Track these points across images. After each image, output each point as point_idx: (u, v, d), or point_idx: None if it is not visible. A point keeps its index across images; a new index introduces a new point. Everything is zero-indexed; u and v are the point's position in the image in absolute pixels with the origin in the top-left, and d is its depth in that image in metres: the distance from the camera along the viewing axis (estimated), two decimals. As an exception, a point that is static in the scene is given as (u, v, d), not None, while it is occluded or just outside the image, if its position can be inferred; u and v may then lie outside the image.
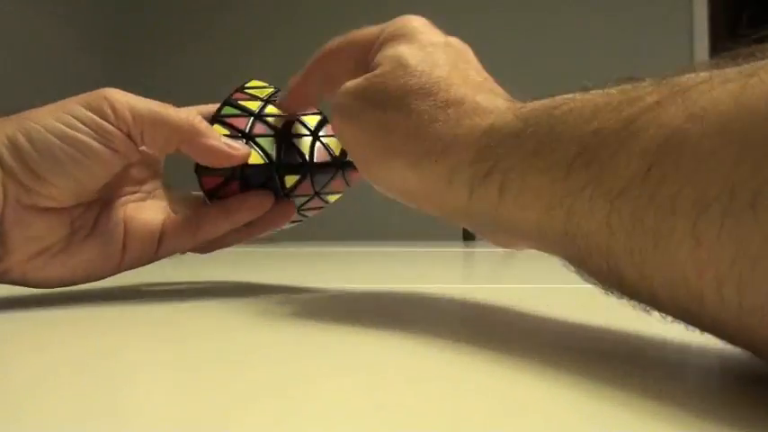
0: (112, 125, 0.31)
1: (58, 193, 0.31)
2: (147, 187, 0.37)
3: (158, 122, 0.32)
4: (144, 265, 0.35)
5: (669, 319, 0.18)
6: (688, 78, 0.17)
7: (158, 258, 0.36)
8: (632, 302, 0.19)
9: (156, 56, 2.73)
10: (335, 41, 0.33)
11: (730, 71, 0.16)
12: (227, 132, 0.35)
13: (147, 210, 0.36)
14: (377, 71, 0.28)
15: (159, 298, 0.36)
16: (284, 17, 2.59)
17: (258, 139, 0.36)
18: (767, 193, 0.13)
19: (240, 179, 0.35)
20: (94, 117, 0.30)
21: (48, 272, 0.32)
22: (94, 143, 0.30)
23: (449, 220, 0.27)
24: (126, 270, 0.35)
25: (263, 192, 0.36)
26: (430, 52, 0.28)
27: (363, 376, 0.19)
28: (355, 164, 0.30)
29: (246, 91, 0.39)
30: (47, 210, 0.31)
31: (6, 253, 0.30)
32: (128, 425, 0.14)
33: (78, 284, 0.34)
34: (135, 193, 0.36)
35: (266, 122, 0.37)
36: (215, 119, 0.36)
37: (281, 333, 0.26)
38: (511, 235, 0.24)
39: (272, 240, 1.38)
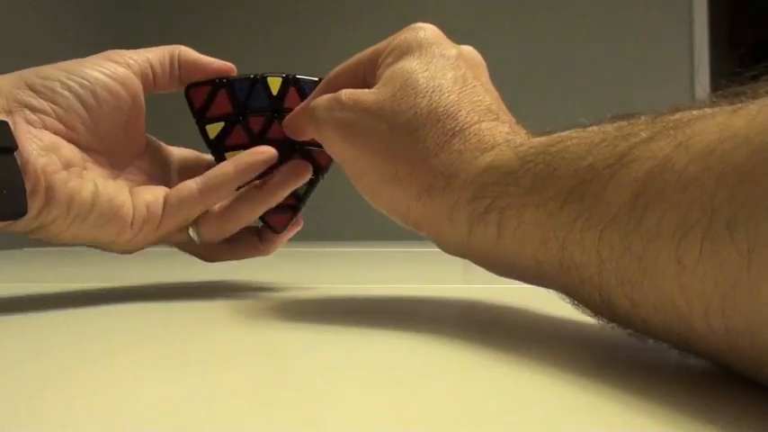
0: (121, 66, 0.33)
1: (66, 115, 0.31)
2: (156, 179, 0.36)
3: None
4: (155, 240, 0.34)
5: (665, 345, 0.18)
6: (682, 115, 0.18)
7: (166, 228, 0.34)
8: (628, 331, 0.19)
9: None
10: (346, 61, 0.32)
11: (722, 106, 0.17)
12: (245, 140, 0.36)
13: (149, 191, 0.34)
14: (385, 88, 0.28)
15: (157, 298, 0.36)
16: (286, 16, 2.59)
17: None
18: (743, 216, 0.14)
19: (227, 87, 0.36)
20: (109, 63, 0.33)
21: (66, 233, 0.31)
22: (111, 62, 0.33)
23: (451, 253, 0.27)
24: (125, 249, 0.34)
25: (266, 146, 0.35)
26: (440, 68, 0.28)
27: (363, 375, 0.19)
28: (355, 185, 0.29)
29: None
30: (59, 131, 0.31)
31: (26, 163, 0.29)
32: (122, 426, 0.14)
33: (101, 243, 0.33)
34: (145, 182, 0.36)
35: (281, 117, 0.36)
36: (211, 145, 0.36)
37: (280, 332, 0.26)
38: (511, 270, 0.24)
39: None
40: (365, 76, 0.30)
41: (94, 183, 0.31)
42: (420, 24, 0.30)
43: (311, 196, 0.38)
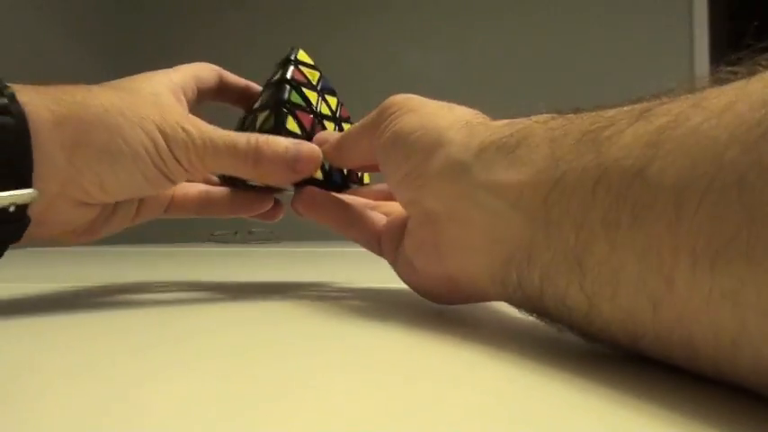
0: (181, 166, 0.31)
1: (107, 198, 0.31)
2: None
3: (228, 161, 0.32)
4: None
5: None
6: (698, 84, 0.18)
7: (163, 216, 0.37)
8: (586, 294, 0.18)
9: (157, 56, 2.73)
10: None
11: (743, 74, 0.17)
12: (299, 131, 0.34)
13: None
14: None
15: (154, 298, 0.36)
16: (287, 18, 2.59)
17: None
18: (753, 174, 0.13)
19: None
20: (171, 156, 0.30)
21: (65, 242, 0.33)
22: (159, 175, 0.31)
23: (432, 207, 0.26)
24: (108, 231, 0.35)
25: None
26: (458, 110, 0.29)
27: (362, 374, 0.19)
28: (386, 115, 0.29)
29: (301, 68, 0.37)
30: (87, 203, 0.31)
31: (36, 227, 0.29)
32: (128, 426, 0.14)
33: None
34: None
35: (323, 126, 0.36)
36: (286, 107, 0.34)
37: (278, 332, 0.26)
38: (474, 230, 0.24)
39: (271, 240, 1.38)
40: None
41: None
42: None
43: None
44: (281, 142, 0.32)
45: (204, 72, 0.37)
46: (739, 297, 0.14)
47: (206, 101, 0.38)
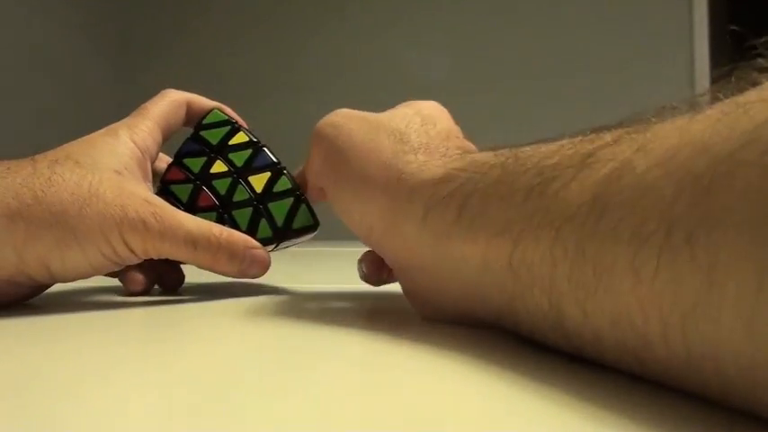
0: (136, 255, 0.31)
1: (51, 281, 0.31)
2: None
3: (190, 256, 0.32)
4: None
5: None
6: (643, 120, 0.18)
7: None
8: (575, 347, 0.18)
9: (165, 58, 2.72)
10: None
11: (684, 109, 0.16)
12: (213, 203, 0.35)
13: None
14: (384, 114, 0.30)
15: (151, 298, 0.36)
16: (287, 17, 2.59)
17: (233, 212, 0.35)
18: (704, 231, 0.13)
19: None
20: (124, 249, 0.30)
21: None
22: (112, 264, 0.31)
23: (393, 259, 0.27)
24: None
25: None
26: (434, 117, 0.29)
27: (355, 376, 0.19)
28: (322, 176, 0.30)
29: (202, 134, 0.37)
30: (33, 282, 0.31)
31: None
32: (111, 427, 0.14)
33: None
34: None
35: (210, 187, 0.36)
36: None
37: (277, 331, 0.26)
38: (448, 286, 0.24)
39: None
40: None
41: None
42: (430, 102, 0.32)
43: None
44: (239, 243, 0.33)
45: (172, 117, 0.36)
46: (717, 362, 0.13)
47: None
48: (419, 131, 0.28)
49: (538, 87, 2.27)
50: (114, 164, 0.32)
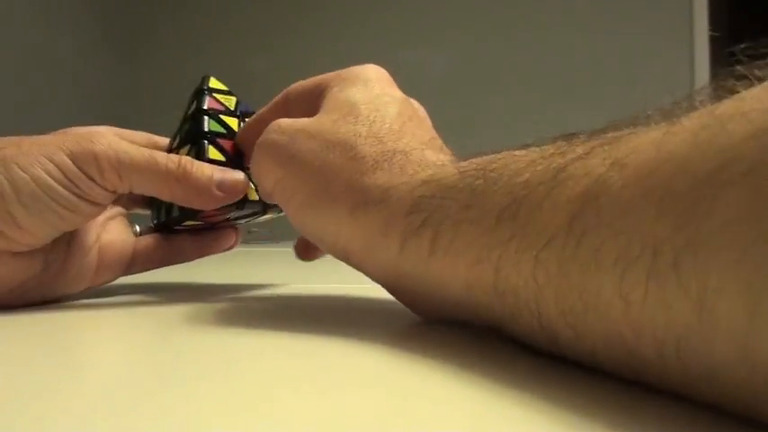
0: (97, 184, 0.29)
1: (33, 239, 0.29)
2: (110, 210, 0.37)
3: (148, 179, 0.30)
4: (116, 279, 0.36)
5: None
6: (616, 130, 0.17)
7: (129, 274, 0.37)
8: (572, 359, 0.18)
9: (160, 57, 2.72)
10: (294, 86, 0.32)
11: (658, 119, 0.16)
12: (223, 159, 0.34)
13: (118, 234, 0.36)
14: (326, 115, 0.27)
15: (148, 298, 0.36)
16: (287, 16, 2.59)
17: (247, 170, 0.33)
18: (690, 255, 0.12)
19: (234, 219, 0.35)
20: (80, 174, 0.29)
21: (16, 302, 0.31)
22: (77, 199, 0.29)
23: (379, 278, 0.26)
24: (98, 286, 0.36)
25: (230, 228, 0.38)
26: (385, 103, 0.27)
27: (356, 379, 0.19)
28: (285, 209, 0.28)
29: (216, 96, 0.36)
30: (20, 252, 0.30)
31: None
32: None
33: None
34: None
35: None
36: (205, 137, 0.34)
37: (273, 332, 0.26)
38: (439, 301, 0.23)
39: (271, 240, 1.38)
40: (307, 107, 0.30)
41: None
42: (368, 65, 0.30)
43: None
44: (206, 167, 0.32)
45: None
46: (713, 383, 0.13)
47: None
48: (368, 138, 0.26)
49: (537, 87, 2.27)
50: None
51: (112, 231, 0.36)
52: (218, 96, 0.36)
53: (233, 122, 0.35)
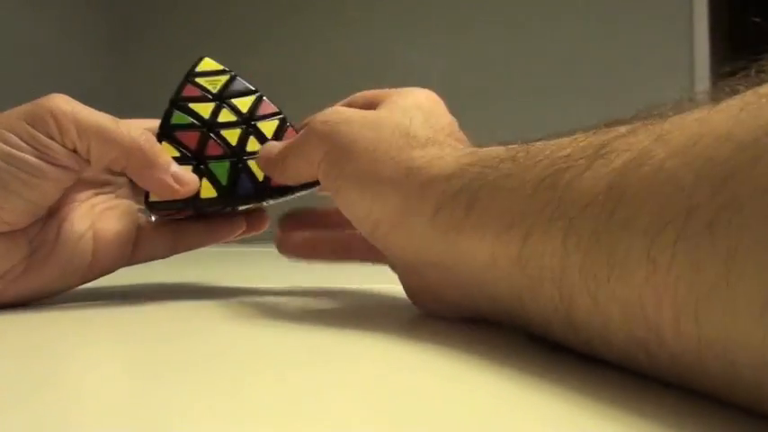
0: (57, 141, 0.29)
1: (8, 215, 0.29)
2: (110, 188, 0.36)
3: (105, 139, 0.30)
4: (117, 270, 0.35)
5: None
6: (660, 111, 0.17)
7: (133, 264, 0.35)
8: (583, 341, 0.18)
9: (158, 56, 2.73)
10: (358, 93, 0.33)
11: (703, 103, 0.16)
12: (177, 154, 0.33)
13: (117, 217, 0.34)
14: (385, 109, 0.29)
15: (147, 298, 0.36)
16: (286, 16, 2.59)
17: (211, 164, 0.33)
18: (726, 217, 0.13)
19: (192, 209, 0.34)
20: (37, 134, 0.29)
21: (8, 294, 0.31)
22: (40, 162, 0.29)
23: (399, 253, 0.26)
24: (97, 278, 0.34)
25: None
26: (438, 114, 0.29)
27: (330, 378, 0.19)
28: (322, 180, 0.29)
29: (197, 81, 0.35)
30: (2, 234, 0.29)
31: None
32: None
33: (44, 299, 0.33)
34: (98, 195, 0.35)
35: (220, 137, 0.34)
36: (164, 131, 0.34)
37: (273, 333, 0.26)
38: (458, 278, 0.23)
39: (271, 240, 1.38)
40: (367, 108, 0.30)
41: None
42: (426, 89, 0.31)
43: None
44: (165, 153, 0.32)
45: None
46: (727, 353, 0.13)
47: None
48: (424, 125, 0.27)
49: (537, 87, 2.27)
50: None
51: (110, 219, 0.34)
52: (202, 80, 0.35)
53: (206, 109, 0.34)
